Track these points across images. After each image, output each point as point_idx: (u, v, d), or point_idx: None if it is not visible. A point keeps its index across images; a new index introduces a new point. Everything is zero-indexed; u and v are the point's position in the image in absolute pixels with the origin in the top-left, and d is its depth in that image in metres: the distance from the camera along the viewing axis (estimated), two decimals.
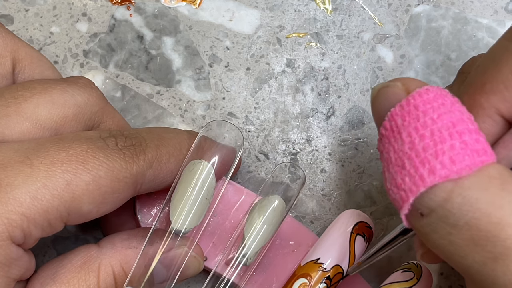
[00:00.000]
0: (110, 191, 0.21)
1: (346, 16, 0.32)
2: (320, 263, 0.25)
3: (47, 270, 0.23)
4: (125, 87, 0.30)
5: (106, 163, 0.21)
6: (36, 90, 0.23)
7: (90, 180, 0.21)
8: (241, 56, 0.31)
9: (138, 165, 0.22)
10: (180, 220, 0.24)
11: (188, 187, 0.24)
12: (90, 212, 0.21)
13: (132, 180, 0.22)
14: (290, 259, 0.27)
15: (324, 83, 0.31)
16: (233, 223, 0.27)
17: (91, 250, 0.24)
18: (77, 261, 0.23)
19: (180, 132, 0.25)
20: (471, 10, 0.32)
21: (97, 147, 0.21)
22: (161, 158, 0.23)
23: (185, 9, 0.31)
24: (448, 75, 0.32)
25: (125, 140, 0.23)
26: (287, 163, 0.29)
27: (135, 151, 0.22)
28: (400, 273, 0.25)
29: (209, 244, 0.27)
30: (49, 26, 0.30)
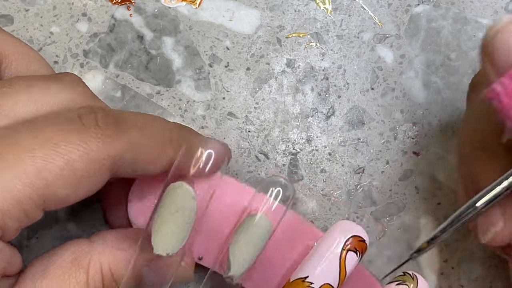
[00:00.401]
0: (86, 175, 0.20)
1: (346, 16, 0.32)
2: (309, 282, 0.24)
3: (37, 266, 0.23)
4: (125, 87, 0.30)
5: (80, 145, 0.20)
6: (19, 87, 0.22)
7: (64, 165, 0.20)
8: (241, 56, 0.31)
9: (116, 146, 0.21)
10: (162, 245, 0.23)
11: (169, 214, 0.23)
12: (67, 197, 0.20)
13: (110, 161, 0.21)
14: (288, 255, 0.27)
15: (324, 83, 0.31)
16: (229, 220, 0.26)
17: (82, 245, 0.24)
18: (67, 256, 0.23)
19: (168, 122, 0.25)
20: (471, 10, 0.32)
21: (72, 129, 0.20)
22: (142, 142, 0.22)
23: (185, 9, 0.31)
24: (448, 75, 0.32)
25: (107, 117, 0.22)
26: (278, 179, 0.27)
27: (116, 130, 0.21)
28: (395, 286, 0.25)
29: (202, 244, 0.27)
30: (49, 26, 0.30)
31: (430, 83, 0.32)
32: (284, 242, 0.27)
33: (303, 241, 0.27)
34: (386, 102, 0.31)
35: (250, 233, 0.24)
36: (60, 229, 0.29)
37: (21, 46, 0.25)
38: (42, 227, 0.29)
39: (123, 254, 0.24)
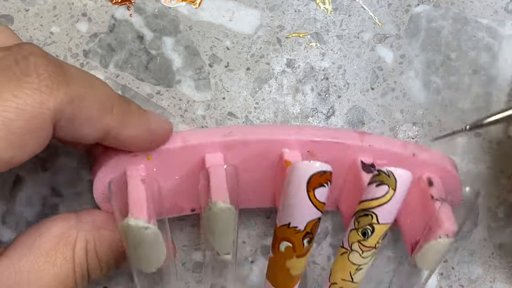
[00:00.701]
0: (27, 132, 0.19)
1: (346, 16, 0.32)
2: (293, 227, 0.24)
3: (25, 240, 0.22)
4: (125, 87, 0.30)
5: (14, 101, 0.18)
6: None
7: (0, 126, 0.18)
8: (241, 56, 0.31)
9: (56, 97, 0.19)
10: (147, 267, 0.23)
11: (133, 246, 0.23)
12: (13, 157, 0.19)
13: (51, 115, 0.19)
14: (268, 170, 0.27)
15: (324, 83, 0.31)
16: (195, 174, 0.27)
17: (70, 220, 0.23)
18: (55, 231, 0.23)
19: (111, 89, 0.23)
20: (471, 10, 0.32)
21: (4, 82, 0.19)
22: (84, 97, 0.21)
23: (185, 9, 0.31)
24: (448, 75, 0.32)
25: (48, 63, 0.20)
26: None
27: (57, 80, 0.20)
28: (375, 188, 0.25)
29: (189, 198, 0.27)
30: (49, 26, 0.30)
31: (430, 83, 0.32)
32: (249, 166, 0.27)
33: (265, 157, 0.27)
34: (386, 102, 0.31)
35: (217, 225, 0.24)
36: None
37: None
38: None
39: (109, 235, 0.24)
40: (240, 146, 0.26)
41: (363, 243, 0.25)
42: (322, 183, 0.24)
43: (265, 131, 0.27)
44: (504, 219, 0.32)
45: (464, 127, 0.25)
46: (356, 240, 0.25)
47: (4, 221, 0.29)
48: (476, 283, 0.32)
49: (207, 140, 0.26)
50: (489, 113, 0.24)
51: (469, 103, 0.32)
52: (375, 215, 0.25)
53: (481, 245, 0.32)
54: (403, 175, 0.25)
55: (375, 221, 0.25)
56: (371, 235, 0.25)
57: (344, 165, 0.27)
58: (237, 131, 0.26)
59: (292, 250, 0.25)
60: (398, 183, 0.24)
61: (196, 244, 0.31)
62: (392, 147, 0.28)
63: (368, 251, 0.25)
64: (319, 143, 0.27)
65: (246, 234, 0.31)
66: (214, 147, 0.26)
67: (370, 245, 0.25)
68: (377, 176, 0.25)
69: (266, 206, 0.29)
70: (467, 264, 0.32)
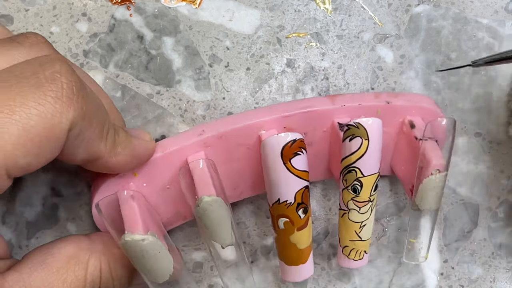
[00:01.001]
0: (45, 140, 0.19)
1: (346, 16, 0.32)
2: (283, 202, 0.25)
3: (37, 256, 0.23)
4: (125, 87, 0.30)
5: (37, 108, 0.19)
6: None
7: (20, 132, 0.18)
8: (241, 56, 0.31)
9: (75, 109, 0.20)
10: (159, 278, 0.24)
11: (139, 259, 0.23)
12: (29, 164, 0.19)
13: (68, 125, 0.20)
14: (253, 156, 0.27)
15: (324, 83, 0.31)
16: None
17: (82, 242, 0.24)
18: (67, 251, 0.23)
19: (107, 113, 0.23)
20: (471, 10, 0.32)
21: (28, 89, 0.19)
22: (93, 117, 0.21)
23: (185, 9, 0.31)
24: (448, 75, 0.32)
25: (72, 73, 0.20)
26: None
27: (78, 93, 0.20)
28: (349, 143, 0.25)
29: (185, 207, 0.27)
30: (49, 26, 0.30)
31: (430, 83, 0.32)
32: (234, 156, 0.27)
33: (245, 144, 0.27)
34: None
35: (210, 220, 0.24)
36: (60, 229, 0.29)
37: None
38: (42, 227, 0.29)
39: (121, 253, 0.24)
40: (217, 140, 0.27)
41: (356, 200, 0.26)
42: (296, 152, 0.24)
43: (237, 120, 0.27)
44: (504, 219, 0.32)
45: (470, 62, 0.25)
46: (350, 198, 0.26)
47: (4, 221, 0.29)
48: (476, 283, 0.32)
49: (184, 144, 0.26)
50: (494, 53, 0.24)
51: (469, 103, 0.32)
52: (358, 169, 0.25)
53: (481, 245, 0.32)
54: (372, 122, 0.25)
55: (360, 175, 0.25)
56: (361, 189, 0.25)
57: (325, 131, 0.28)
58: (209, 127, 0.27)
59: (291, 224, 0.25)
60: (369, 132, 0.25)
61: (196, 244, 0.31)
62: (365, 101, 0.28)
63: (364, 205, 0.26)
64: (292, 117, 0.27)
65: (246, 234, 0.31)
66: (193, 148, 0.26)
67: (363, 199, 0.26)
68: (348, 131, 0.25)
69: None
70: (467, 264, 0.32)
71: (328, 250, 0.31)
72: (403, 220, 0.32)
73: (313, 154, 0.28)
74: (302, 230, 0.25)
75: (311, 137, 0.28)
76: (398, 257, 0.32)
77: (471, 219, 0.32)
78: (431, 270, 0.32)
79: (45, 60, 0.20)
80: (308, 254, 0.26)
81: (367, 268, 0.32)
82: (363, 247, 0.27)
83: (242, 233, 0.31)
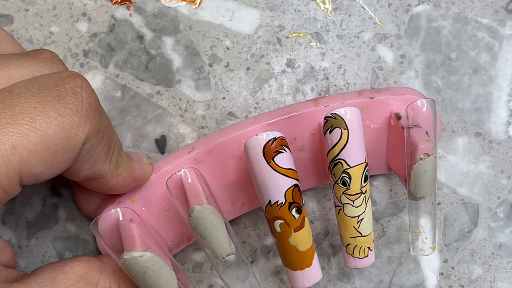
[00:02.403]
0: (60, 150, 0.20)
1: (346, 16, 0.32)
2: (275, 203, 0.25)
3: (46, 273, 0.23)
4: (125, 87, 0.30)
5: (56, 119, 0.19)
6: None
7: (38, 140, 0.19)
8: (241, 56, 0.31)
9: (92, 124, 0.20)
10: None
11: (141, 278, 0.23)
12: (41, 173, 0.20)
13: (83, 138, 0.20)
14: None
15: (324, 83, 0.31)
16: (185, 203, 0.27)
17: (93, 263, 0.24)
18: (77, 271, 0.23)
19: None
20: (471, 10, 0.32)
21: (49, 99, 0.20)
22: (104, 136, 0.22)
23: (185, 9, 0.31)
24: (448, 75, 0.32)
25: (92, 91, 0.21)
26: None
27: (95, 109, 0.21)
28: (329, 135, 0.25)
29: (183, 230, 0.28)
30: (49, 26, 0.30)
31: (430, 83, 0.32)
32: (228, 170, 0.27)
33: (238, 156, 0.27)
34: None
35: (204, 228, 0.24)
36: (60, 229, 0.29)
37: None
38: (42, 227, 0.29)
39: None
40: (207, 155, 0.27)
41: (348, 193, 0.26)
42: (278, 150, 0.24)
43: (223, 133, 0.27)
44: (504, 219, 0.32)
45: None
46: (342, 192, 0.26)
47: (4, 221, 0.29)
48: (476, 283, 0.32)
49: (175, 162, 0.27)
50: None
51: (469, 103, 0.32)
52: (344, 161, 0.25)
53: (481, 245, 0.32)
54: (348, 111, 0.25)
55: (346, 166, 0.25)
56: (351, 181, 0.25)
57: (314, 134, 0.28)
58: (198, 144, 0.27)
59: (287, 226, 0.25)
60: (347, 121, 0.25)
61: (196, 244, 0.31)
62: (348, 99, 0.28)
63: (357, 198, 0.26)
64: (277, 123, 0.27)
65: (246, 234, 0.31)
66: (185, 166, 0.27)
67: (355, 192, 0.25)
68: (326, 123, 0.25)
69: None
70: (467, 264, 0.32)
71: (328, 250, 0.31)
72: (403, 220, 0.32)
73: (308, 159, 0.28)
74: (300, 231, 0.25)
75: (302, 142, 0.28)
76: (398, 257, 0.32)
77: (471, 219, 0.32)
78: (431, 270, 0.32)
79: (66, 74, 0.21)
80: (312, 256, 0.26)
81: (367, 268, 0.32)
82: (366, 243, 0.27)
83: (242, 233, 0.31)
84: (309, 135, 0.27)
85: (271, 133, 0.25)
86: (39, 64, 0.22)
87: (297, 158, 0.28)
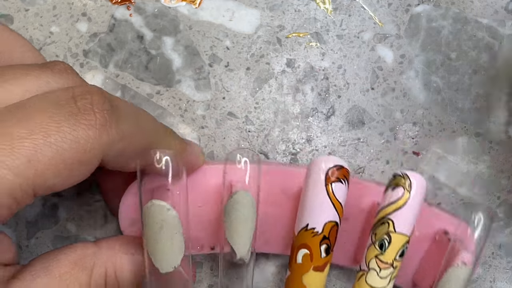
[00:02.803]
0: (76, 163, 0.20)
1: (346, 16, 0.32)
2: (311, 229, 0.24)
3: (40, 263, 0.22)
4: (125, 87, 0.30)
5: (71, 133, 0.20)
6: (9, 76, 0.22)
7: (53, 154, 0.19)
8: (241, 56, 0.31)
9: (109, 135, 0.21)
10: (165, 263, 0.23)
11: (156, 233, 0.23)
12: (56, 185, 0.20)
13: (100, 150, 0.21)
14: (286, 204, 0.27)
15: (324, 83, 0.31)
16: (219, 203, 0.27)
17: (88, 248, 0.24)
18: (72, 257, 0.23)
19: (155, 121, 0.25)
20: (471, 10, 0.32)
21: (63, 115, 0.20)
22: (134, 134, 0.22)
23: (185, 9, 0.31)
24: (448, 75, 0.32)
25: (103, 101, 0.21)
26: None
27: (110, 118, 0.21)
28: (391, 192, 0.25)
29: (210, 234, 0.27)
30: (49, 26, 0.30)
31: (430, 83, 0.32)
32: (271, 199, 0.27)
33: (286, 191, 0.27)
34: (386, 102, 0.31)
35: (237, 214, 0.24)
36: (60, 229, 0.29)
37: (10, 33, 0.25)
38: (42, 227, 0.29)
39: (130, 258, 0.24)
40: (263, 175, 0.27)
41: (380, 258, 0.25)
42: (339, 178, 0.24)
43: (283, 167, 0.28)
44: (504, 219, 0.32)
45: None
46: (374, 256, 0.25)
47: None
48: (476, 283, 0.32)
49: (218, 165, 0.27)
50: None
51: (469, 103, 0.32)
52: (392, 222, 0.25)
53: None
54: (419, 177, 0.25)
55: (392, 229, 0.25)
56: (389, 246, 0.25)
57: (362, 209, 0.27)
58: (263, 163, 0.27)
59: (309, 259, 0.24)
60: (413, 184, 0.24)
61: None
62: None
63: (386, 269, 0.25)
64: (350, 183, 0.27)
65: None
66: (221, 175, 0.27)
67: (387, 260, 0.25)
68: (393, 180, 0.25)
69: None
70: None
71: None
72: None
73: (344, 230, 0.27)
74: (318, 272, 0.25)
75: (349, 212, 0.27)
76: None
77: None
78: None
79: (78, 91, 0.21)
80: None
81: None
82: None
83: None
84: (359, 208, 0.27)
85: (340, 160, 0.25)
86: (54, 75, 0.23)
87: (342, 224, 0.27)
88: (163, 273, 0.23)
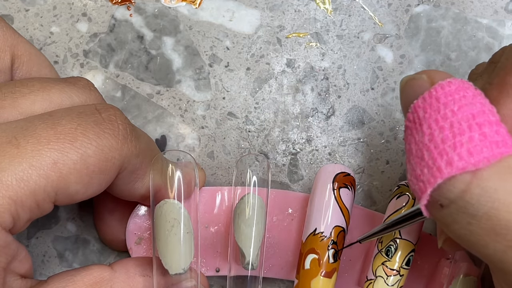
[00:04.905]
0: (97, 171, 0.21)
1: (346, 16, 0.32)
2: (319, 233, 0.25)
3: (57, 282, 0.23)
4: (125, 87, 0.30)
5: (96, 141, 0.21)
6: (34, 88, 0.22)
7: (78, 158, 0.20)
8: (241, 56, 0.31)
9: (129, 147, 0.22)
10: (175, 264, 0.23)
11: (167, 232, 0.23)
12: (77, 192, 0.21)
13: (120, 161, 0.22)
14: (292, 227, 0.27)
15: (324, 83, 0.31)
16: (225, 224, 0.27)
17: (105, 271, 0.24)
18: (89, 280, 0.23)
19: (156, 147, 0.26)
20: (471, 10, 0.32)
21: (88, 123, 0.21)
22: (146, 155, 0.23)
23: (185, 9, 0.31)
24: None
25: (125, 118, 0.22)
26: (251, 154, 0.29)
27: (131, 132, 0.22)
28: (395, 201, 0.25)
29: (216, 256, 0.27)
30: (49, 26, 0.30)
31: None
32: (283, 219, 0.27)
33: (299, 209, 0.27)
34: (386, 102, 0.31)
35: (247, 215, 0.25)
36: (60, 229, 0.29)
37: (31, 48, 0.25)
38: (42, 227, 0.29)
39: (146, 281, 0.25)
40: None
41: (387, 265, 0.25)
42: (347, 184, 0.25)
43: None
44: None
45: (358, 239, 0.25)
46: (381, 263, 0.25)
47: None
48: None
49: (223, 190, 0.28)
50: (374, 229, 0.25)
51: None
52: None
53: None
54: None
55: (398, 235, 0.25)
56: (395, 252, 0.25)
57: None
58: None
59: (318, 265, 0.24)
60: None
61: None
62: None
63: (393, 275, 0.25)
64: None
65: None
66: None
67: (393, 266, 0.25)
68: (397, 189, 0.25)
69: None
70: None
71: None
72: None
73: (349, 259, 0.27)
74: (326, 278, 0.24)
75: (355, 238, 0.27)
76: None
77: None
78: None
79: (101, 106, 0.22)
80: None
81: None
82: None
83: None
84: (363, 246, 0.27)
85: (347, 168, 0.26)
86: (77, 90, 0.23)
87: (345, 251, 0.27)
88: (172, 274, 0.23)
